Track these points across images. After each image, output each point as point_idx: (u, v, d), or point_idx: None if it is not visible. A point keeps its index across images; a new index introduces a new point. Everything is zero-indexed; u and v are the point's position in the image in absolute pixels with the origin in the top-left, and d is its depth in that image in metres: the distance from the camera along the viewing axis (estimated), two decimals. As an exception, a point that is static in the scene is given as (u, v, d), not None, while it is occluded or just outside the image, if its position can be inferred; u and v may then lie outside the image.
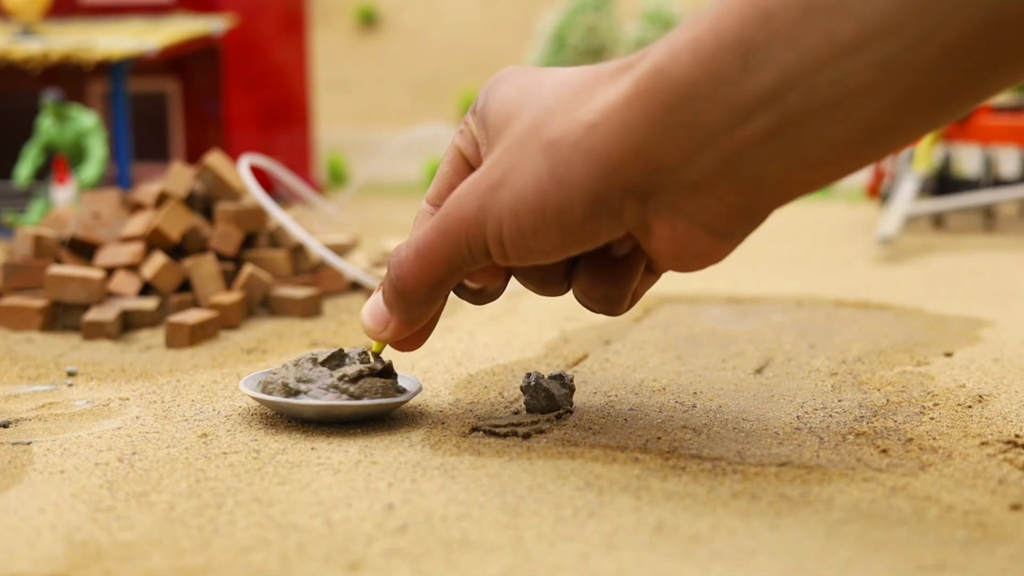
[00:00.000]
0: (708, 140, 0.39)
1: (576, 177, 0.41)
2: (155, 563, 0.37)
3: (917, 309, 0.78)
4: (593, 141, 0.40)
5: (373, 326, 0.49)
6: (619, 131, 0.40)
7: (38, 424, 0.53)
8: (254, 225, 0.82)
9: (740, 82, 0.38)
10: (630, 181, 0.40)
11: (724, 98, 0.38)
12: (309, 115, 1.68)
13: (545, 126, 0.42)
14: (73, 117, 1.18)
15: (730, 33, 0.38)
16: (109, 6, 1.45)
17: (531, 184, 0.42)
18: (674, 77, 0.39)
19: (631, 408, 0.53)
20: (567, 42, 2.03)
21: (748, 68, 0.38)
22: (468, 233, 0.44)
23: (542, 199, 0.42)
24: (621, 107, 0.40)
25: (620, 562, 0.37)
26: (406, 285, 0.46)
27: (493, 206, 0.43)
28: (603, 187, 0.41)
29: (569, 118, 0.41)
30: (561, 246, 0.43)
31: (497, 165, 0.43)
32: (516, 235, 0.43)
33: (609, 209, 0.41)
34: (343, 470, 0.46)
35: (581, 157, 0.41)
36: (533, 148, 0.42)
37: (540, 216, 0.42)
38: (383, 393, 0.51)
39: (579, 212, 0.41)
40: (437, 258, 0.45)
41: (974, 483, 0.43)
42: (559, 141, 0.41)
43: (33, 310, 0.73)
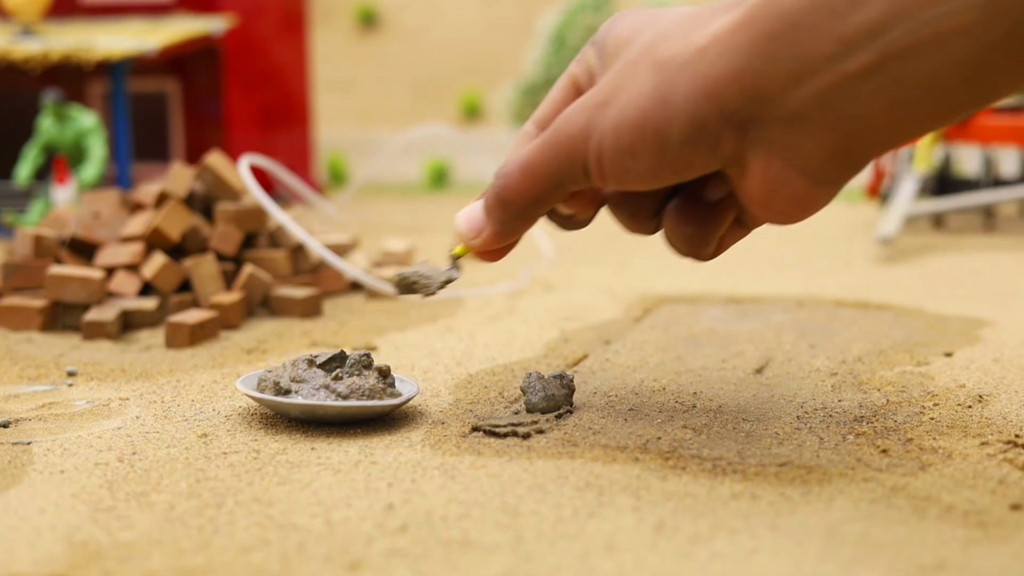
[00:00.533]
0: (810, 71, 0.40)
1: (678, 97, 0.41)
2: (155, 563, 0.37)
3: (917, 309, 0.78)
4: (699, 63, 0.41)
5: (467, 231, 0.49)
6: (725, 55, 0.41)
7: (38, 424, 0.53)
8: (254, 225, 0.82)
9: (847, 13, 0.39)
10: (730, 107, 0.41)
11: (830, 28, 0.39)
12: (309, 115, 1.68)
13: (658, 46, 0.43)
14: (73, 117, 1.18)
15: None
16: (109, 6, 1.45)
17: (635, 101, 0.42)
18: (784, 4, 0.40)
19: (631, 408, 0.53)
20: (567, 42, 2.03)
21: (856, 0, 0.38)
22: (573, 149, 0.44)
23: (643, 117, 0.42)
24: (729, 32, 0.41)
25: (620, 562, 0.37)
26: (509, 195, 0.47)
27: (598, 122, 0.43)
28: (703, 110, 0.41)
29: (682, 40, 0.42)
30: (656, 170, 0.43)
31: (608, 83, 0.44)
32: (615, 152, 0.43)
33: (707, 136, 0.42)
34: (343, 470, 0.46)
35: (686, 78, 0.41)
36: (643, 67, 0.43)
37: (640, 134, 0.42)
38: (372, 395, 0.51)
39: (677, 134, 0.42)
40: (541, 172, 0.46)
41: (974, 483, 0.43)
42: (668, 61, 0.42)
43: (33, 310, 0.73)
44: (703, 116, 0.41)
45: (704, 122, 0.41)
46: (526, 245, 1.13)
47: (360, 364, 0.53)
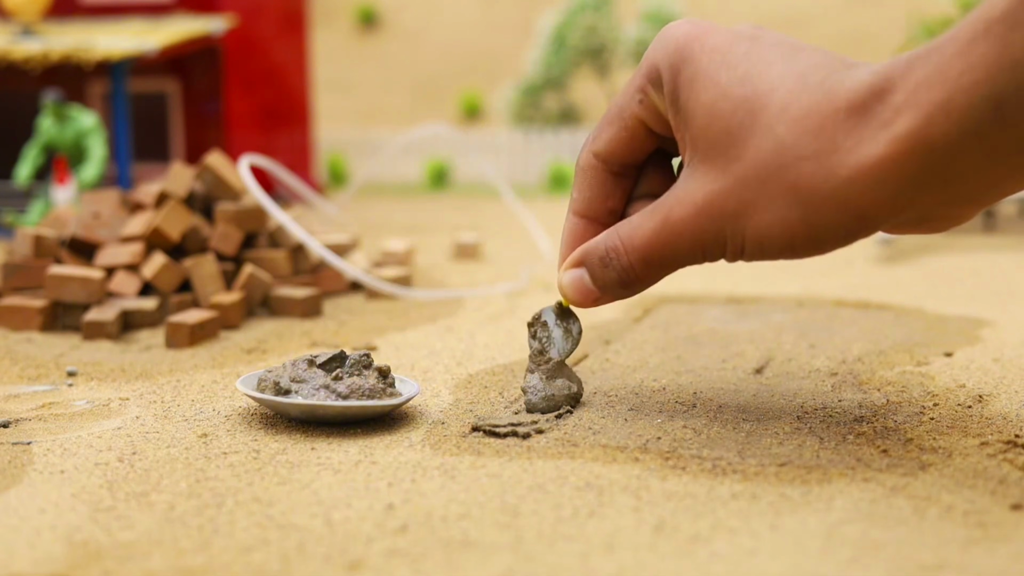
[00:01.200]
0: (962, 184, 0.42)
1: (829, 224, 0.44)
2: (155, 563, 0.37)
3: (917, 309, 0.78)
4: (848, 195, 0.43)
5: (583, 301, 0.51)
6: (875, 188, 0.42)
7: (38, 424, 0.53)
8: (254, 225, 0.82)
9: (995, 134, 0.40)
10: (880, 221, 0.44)
11: (979, 150, 0.40)
12: (309, 115, 1.68)
13: (790, 171, 0.43)
14: (73, 117, 1.18)
15: (981, 89, 0.39)
16: (109, 6, 1.45)
17: (778, 224, 0.44)
18: (931, 141, 0.40)
19: (631, 408, 0.53)
20: (567, 42, 2.03)
21: (1002, 119, 0.39)
22: (705, 249, 0.47)
23: (790, 237, 0.44)
24: (876, 167, 0.42)
25: (620, 562, 0.37)
26: (632, 283, 0.50)
27: (735, 232, 0.45)
28: (856, 228, 0.44)
29: (819, 168, 0.43)
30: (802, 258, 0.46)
31: (732, 195, 0.45)
32: (758, 254, 0.46)
33: (857, 238, 0.45)
34: (343, 470, 0.46)
35: (834, 208, 0.43)
36: (778, 190, 0.44)
37: (788, 248, 0.45)
38: (372, 395, 0.51)
39: (828, 244, 0.45)
40: (667, 265, 0.48)
41: (974, 483, 0.43)
42: (809, 190, 0.43)
43: (33, 310, 0.73)
44: (854, 231, 0.44)
45: (855, 234, 0.44)
46: (526, 245, 1.13)
47: (360, 364, 0.53)
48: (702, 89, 0.46)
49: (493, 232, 1.25)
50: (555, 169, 1.84)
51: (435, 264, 1.03)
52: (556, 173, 1.83)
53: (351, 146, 1.98)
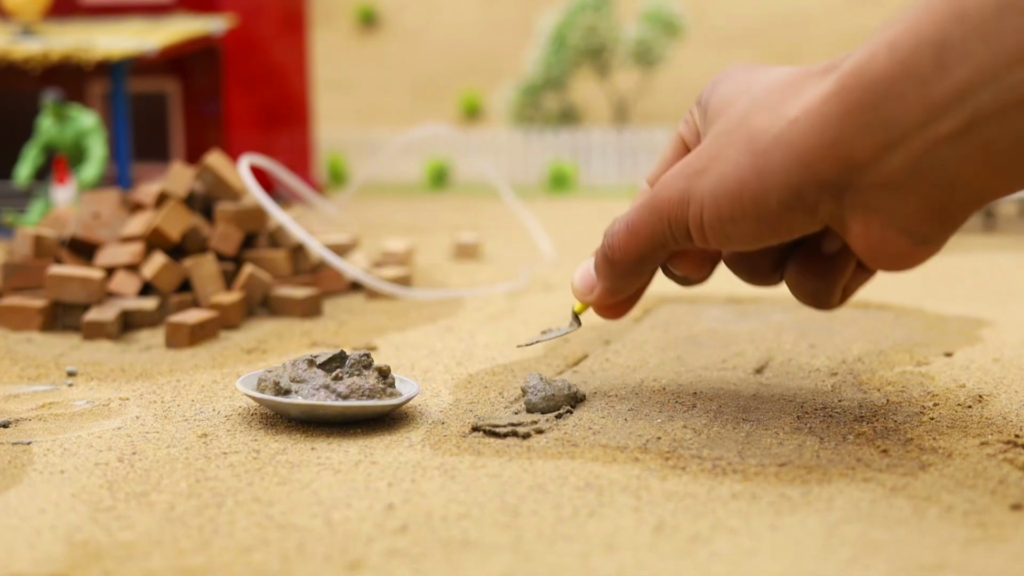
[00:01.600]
0: (901, 137, 0.40)
1: (773, 169, 0.43)
2: (155, 563, 0.37)
3: (917, 309, 0.78)
4: (792, 135, 0.42)
5: (581, 288, 0.52)
6: (816, 126, 0.42)
7: (38, 424, 0.53)
8: (254, 225, 0.82)
9: (934, 79, 0.39)
10: (825, 176, 0.42)
11: (918, 96, 0.39)
12: (309, 115, 1.68)
13: (751, 118, 0.44)
14: (73, 117, 1.18)
15: (926, 31, 0.39)
16: (109, 6, 1.45)
17: (732, 172, 0.44)
18: (871, 75, 0.40)
19: (631, 408, 0.53)
20: (567, 42, 2.03)
21: (943, 65, 0.39)
22: (671, 213, 0.46)
23: (740, 187, 0.44)
24: (820, 103, 0.42)
25: (620, 562, 0.37)
26: (615, 255, 0.50)
27: (696, 190, 0.45)
28: (798, 180, 0.42)
29: (774, 112, 0.43)
30: (757, 234, 0.45)
31: (704, 151, 0.45)
32: (715, 219, 0.45)
33: (804, 203, 0.43)
34: (343, 470, 0.46)
35: (780, 150, 0.42)
36: (738, 138, 0.44)
37: (738, 203, 0.44)
38: (372, 395, 0.51)
39: (775, 203, 0.43)
40: (644, 233, 0.48)
41: (974, 483, 0.43)
42: (761, 133, 0.43)
43: (33, 310, 0.73)
44: (799, 185, 0.42)
45: (800, 190, 0.42)
46: (526, 245, 1.13)
47: (360, 364, 0.53)
48: (724, 88, 0.48)
49: (493, 232, 1.25)
50: (555, 169, 1.84)
51: (435, 264, 1.03)
52: (556, 173, 1.83)
53: (351, 146, 1.98)
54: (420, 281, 0.92)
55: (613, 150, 1.92)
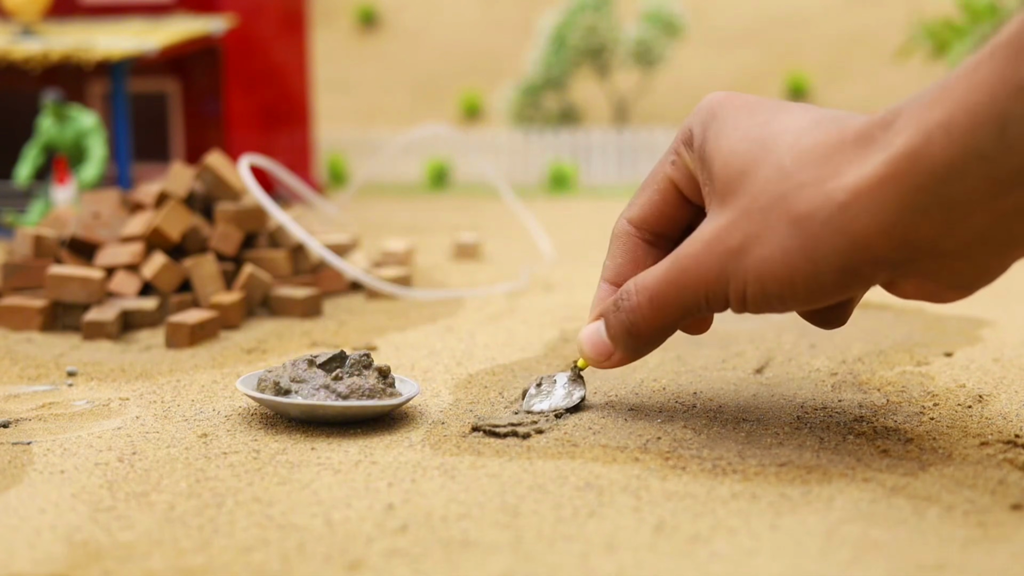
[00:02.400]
0: (964, 215, 0.40)
1: (827, 254, 0.42)
2: (155, 563, 0.37)
3: (917, 309, 0.78)
4: (844, 220, 0.41)
5: (596, 357, 0.51)
6: (871, 210, 0.41)
7: (38, 424, 0.53)
8: (254, 225, 0.82)
9: (998, 157, 0.38)
10: (882, 255, 0.42)
11: (982, 175, 0.39)
12: (309, 115, 1.68)
13: (790, 198, 0.43)
14: (73, 117, 1.18)
15: (983, 109, 0.38)
16: (109, 6, 1.45)
17: (779, 256, 0.43)
18: (930, 159, 0.39)
19: (631, 408, 0.53)
20: (567, 42, 2.03)
21: (1007, 143, 0.38)
22: (708, 290, 0.46)
23: (790, 271, 0.43)
24: (873, 188, 0.41)
25: (620, 562, 0.37)
26: (639, 329, 0.49)
27: (736, 270, 0.44)
28: (854, 261, 0.42)
29: (817, 193, 0.42)
30: (806, 306, 0.45)
31: (736, 228, 0.44)
32: (760, 298, 0.44)
33: (860, 278, 0.43)
34: (343, 470, 0.46)
35: (832, 235, 0.42)
36: (778, 219, 0.43)
37: (788, 286, 0.43)
38: (372, 395, 0.51)
39: (830, 284, 0.43)
40: (672, 307, 0.47)
41: (974, 483, 0.43)
42: (807, 218, 0.42)
43: (33, 310, 0.73)
44: (854, 266, 0.42)
45: (855, 270, 0.42)
46: (526, 245, 1.13)
47: (360, 364, 0.53)
48: (724, 135, 0.46)
49: (493, 232, 1.25)
50: (555, 169, 1.84)
51: (435, 264, 1.03)
52: (556, 173, 1.83)
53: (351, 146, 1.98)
54: (420, 281, 0.92)
55: (613, 150, 1.92)
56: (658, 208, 0.50)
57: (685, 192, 0.49)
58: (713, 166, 0.46)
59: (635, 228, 0.51)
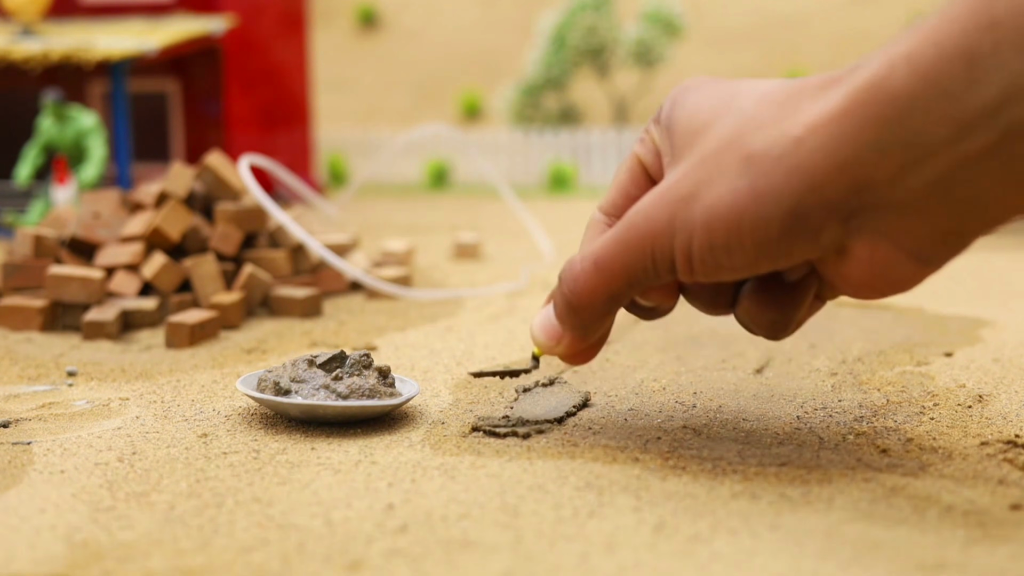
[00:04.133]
0: (924, 156, 0.37)
1: (776, 192, 0.39)
2: (155, 563, 0.37)
3: (917, 309, 0.78)
4: (798, 155, 0.39)
5: (546, 341, 0.47)
6: (827, 145, 0.38)
7: (38, 424, 0.53)
8: (254, 225, 0.82)
9: (963, 94, 0.36)
10: (834, 199, 0.39)
11: (945, 111, 0.37)
12: (309, 115, 1.68)
13: (745, 138, 0.40)
14: (73, 117, 1.18)
15: (952, 42, 0.36)
16: (109, 6, 1.45)
17: (727, 197, 0.40)
18: (891, 90, 0.37)
19: (631, 408, 0.53)
20: (567, 42, 2.03)
21: (973, 79, 0.36)
22: (655, 245, 0.42)
23: (738, 213, 0.40)
24: (830, 121, 0.38)
25: (620, 562, 0.37)
26: (581, 300, 0.45)
27: (685, 218, 0.41)
28: (804, 203, 0.39)
29: (773, 131, 0.40)
30: (753, 263, 0.41)
31: (689, 176, 0.41)
32: (707, 249, 0.41)
33: (808, 228, 0.40)
34: (343, 470, 0.46)
35: (783, 171, 0.39)
36: (731, 160, 0.40)
37: (735, 231, 0.40)
38: (372, 395, 0.51)
39: (776, 228, 0.40)
40: (617, 270, 0.44)
41: (974, 483, 0.43)
42: (760, 154, 0.40)
43: (33, 310, 0.73)
44: (804, 210, 0.39)
45: (805, 215, 0.39)
46: (526, 245, 1.13)
47: (360, 364, 0.53)
48: (690, 101, 0.44)
49: (493, 232, 1.25)
50: (555, 169, 1.84)
51: (435, 264, 1.03)
52: (556, 173, 1.83)
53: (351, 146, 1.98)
54: (420, 281, 0.92)
55: (613, 150, 1.92)
56: (625, 190, 0.47)
57: (651, 171, 0.46)
58: (676, 129, 0.44)
59: (605, 214, 0.48)
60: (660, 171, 0.46)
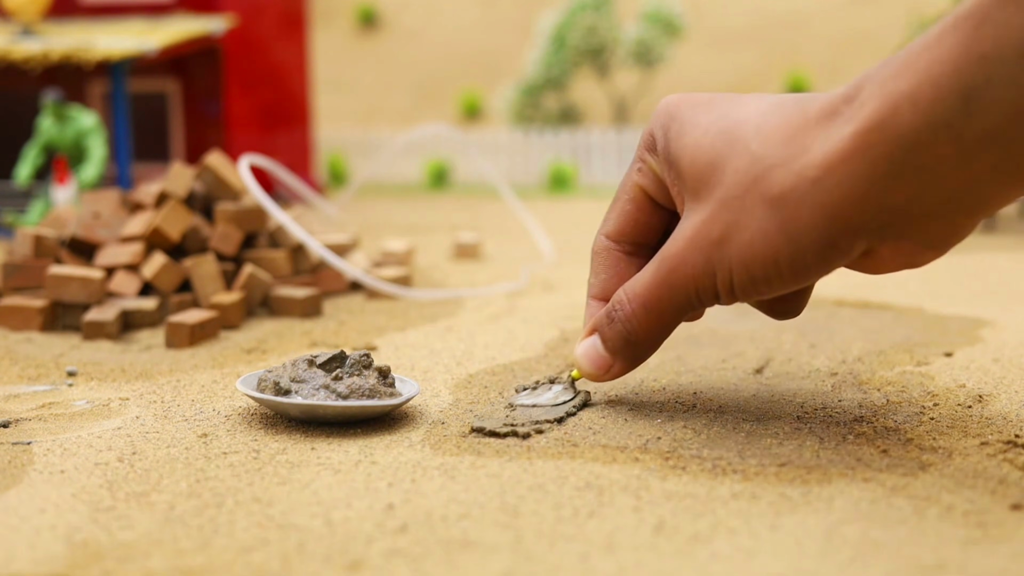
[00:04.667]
0: (934, 181, 0.41)
1: (806, 230, 0.43)
2: (155, 563, 0.37)
3: (917, 309, 0.78)
4: (819, 195, 0.42)
5: (596, 372, 0.51)
6: (844, 183, 0.42)
7: (38, 424, 0.53)
8: (254, 225, 0.82)
9: (964, 126, 0.39)
10: (859, 224, 0.42)
11: (949, 142, 0.40)
12: (309, 115, 1.68)
13: (764, 181, 0.44)
14: (73, 117, 1.18)
15: (947, 80, 0.39)
16: (109, 6, 1.45)
17: (759, 239, 0.44)
18: (897, 129, 0.40)
19: (631, 408, 0.53)
20: (567, 42, 2.03)
21: (971, 112, 0.39)
22: (697, 285, 0.46)
23: (773, 252, 0.44)
24: (843, 160, 0.42)
25: (620, 562, 0.37)
26: (638, 337, 0.49)
27: (721, 260, 0.45)
28: (833, 233, 0.43)
29: (789, 172, 0.43)
30: (791, 286, 0.45)
31: (716, 220, 0.45)
32: (747, 284, 0.45)
33: (839, 250, 0.43)
34: (343, 470, 0.46)
35: (808, 210, 0.42)
36: (754, 203, 0.44)
37: (773, 267, 0.44)
38: (372, 395, 0.51)
39: (812, 257, 0.43)
40: (667, 309, 0.48)
41: (974, 483, 0.43)
42: (783, 197, 0.43)
43: (33, 310, 0.73)
44: (834, 238, 0.43)
45: (836, 242, 0.43)
46: (526, 245, 1.13)
47: (360, 364, 0.53)
48: (686, 133, 0.47)
49: (493, 232, 1.25)
50: (555, 169, 1.84)
51: (435, 264, 1.03)
52: (556, 173, 1.83)
53: (351, 146, 1.98)
54: (420, 281, 0.92)
55: (613, 150, 1.92)
56: (632, 218, 0.51)
57: (656, 197, 0.50)
58: (681, 164, 0.47)
59: (613, 242, 0.51)
60: (665, 197, 0.49)
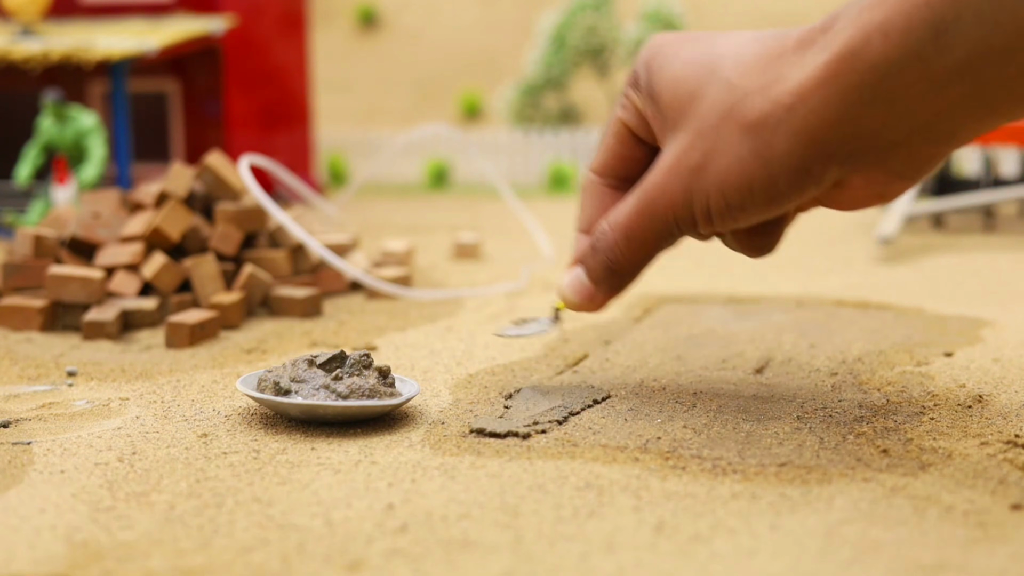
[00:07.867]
0: (905, 109, 0.42)
1: (780, 155, 0.44)
2: (155, 563, 0.37)
3: (917, 309, 0.78)
4: (792, 121, 0.43)
5: (580, 301, 0.52)
6: (817, 110, 0.43)
7: (38, 424, 0.53)
8: (254, 225, 0.82)
9: (934, 59, 0.40)
10: (832, 150, 0.43)
11: (919, 73, 0.41)
12: (309, 115, 1.68)
13: (739, 108, 0.45)
14: (73, 117, 1.18)
15: (919, 14, 0.40)
16: (109, 6, 1.45)
17: (735, 165, 0.45)
18: (868, 58, 0.41)
19: (631, 408, 0.53)
20: (567, 42, 2.03)
21: (941, 47, 0.40)
22: (676, 214, 0.47)
23: (748, 178, 0.45)
24: (816, 87, 0.43)
25: (620, 562, 0.37)
26: (621, 265, 0.51)
27: (698, 187, 0.46)
28: (806, 159, 0.44)
29: (764, 99, 0.44)
30: (766, 212, 0.46)
31: (694, 148, 0.46)
32: (724, 210, 0.46)
33: (812, 177, 0.44)
34: (343, 470, 0.46)
35: (782, 136, 0.44)
36: (730, 130, 0.45)
37: (747, 192, 0.45)
38: (372, 395, 0.51)
39: (784, 184, 0.45)
40: (648, 237, 0.49)
41: (974, 483, 0.43)
42: (758, 124, 0.44)
43: (33, 310, 0.73)
44: (807, 164, 0.44)
45: (808, 169, 0.44)
46: (526, 245, 1.13)
47: (360, 364, 0.53)
48: (668, 66, 0.48)
49: (493, 232, 1.25)
50: (555, 169, 1.84)
51: (435, 264, 1.03)
52: (556, 173, 1.83)
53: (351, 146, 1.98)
54: (420, 281, 0.92)
55: (613, 150, 1.92)
56: (616, 152, 0.52)
57: (638, 133, 0.51)
58: (662, 97, 0.48)
59: (599, 176, 0.52)
60: (647, 132, 0.50)
